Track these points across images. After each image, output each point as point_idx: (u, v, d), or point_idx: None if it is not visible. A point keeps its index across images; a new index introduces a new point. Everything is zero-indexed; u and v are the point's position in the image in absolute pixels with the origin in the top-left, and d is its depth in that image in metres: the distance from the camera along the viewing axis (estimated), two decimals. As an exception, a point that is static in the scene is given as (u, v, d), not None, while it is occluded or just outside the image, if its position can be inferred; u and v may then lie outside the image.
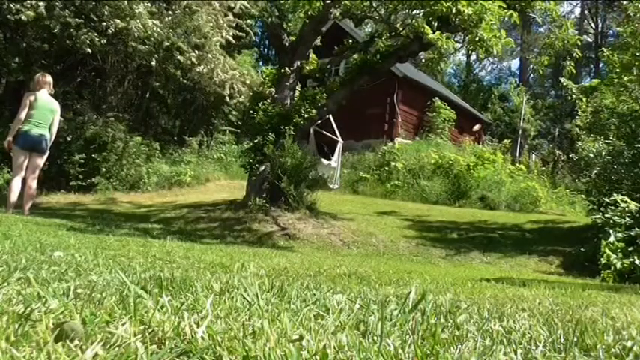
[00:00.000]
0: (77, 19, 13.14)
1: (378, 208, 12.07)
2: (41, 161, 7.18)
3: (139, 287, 1.44)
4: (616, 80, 10.82)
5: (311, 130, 12.43)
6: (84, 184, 13.01)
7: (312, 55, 10.63)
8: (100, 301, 1.23)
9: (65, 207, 10.99)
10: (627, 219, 7.97)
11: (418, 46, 9.77)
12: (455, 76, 39.23)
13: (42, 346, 0.83)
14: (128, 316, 1.04)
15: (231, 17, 15.65)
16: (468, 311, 1.67)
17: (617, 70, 10.68)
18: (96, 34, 13.25)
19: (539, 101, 30.51)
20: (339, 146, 16.26)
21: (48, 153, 7.27)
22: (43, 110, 7.04)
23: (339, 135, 16.29)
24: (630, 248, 7.34)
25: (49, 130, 7.12)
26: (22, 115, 6.95)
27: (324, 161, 14.42)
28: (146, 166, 14.22)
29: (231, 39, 15.70)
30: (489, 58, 28.54)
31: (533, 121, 27.37)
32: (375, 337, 1.05)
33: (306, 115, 9.79)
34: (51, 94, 7.31)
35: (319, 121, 11.23)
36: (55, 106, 7.23)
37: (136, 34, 13.38)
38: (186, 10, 14.64)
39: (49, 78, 7.31)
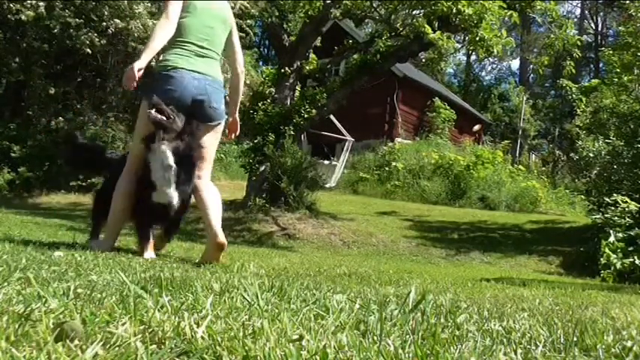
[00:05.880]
0: (77, 20, 13.13)
1: (378, 208, 12.07)
2: (216, 138, 3.39)
3: (139, 287, 1.44)
4: (616, 80, 10.83)
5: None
6: (84, 184, 12.98)
7: (312, 55, 10.63)
8: (100, 301, 1.23)
9: (65, 207, 10.99)
10: (627, 219, 7.98)
11: (418, 46, 9.78)
12: (455, 76, 39.20)
13: (42, 346, 0.83)
14: (128, 316, 1.04)
15: (231, 17, 15.64)
16: (468, 311, 1.67)
17: (617, 70, 10.70)
18: (96, 35, 13.23)
19: (539, 101, 30.51)
20: (348, 144, 16.27)
21: (224, 120, 3.45)
22: (210, 20, 3.26)
23: (347, 134, 16.30)
24: (630, 248, 7.35)
25: (220, 65, 3.38)
26: (165, 32, 3.19)
27: (321, 161, 14.45)
28: (146, 166, 14.21)
29: (231, 39, 15.68)
30: (489, 58, 28.48)
31: (533, 121, 27.37)
32: (375, 337, 1.05)
33: (306, 115, 9.79)
34: None
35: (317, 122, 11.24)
36: (229, 14, 3.42)
37: (136, 34, 13.38)
38: (187, 10, 14.61)
39: None
